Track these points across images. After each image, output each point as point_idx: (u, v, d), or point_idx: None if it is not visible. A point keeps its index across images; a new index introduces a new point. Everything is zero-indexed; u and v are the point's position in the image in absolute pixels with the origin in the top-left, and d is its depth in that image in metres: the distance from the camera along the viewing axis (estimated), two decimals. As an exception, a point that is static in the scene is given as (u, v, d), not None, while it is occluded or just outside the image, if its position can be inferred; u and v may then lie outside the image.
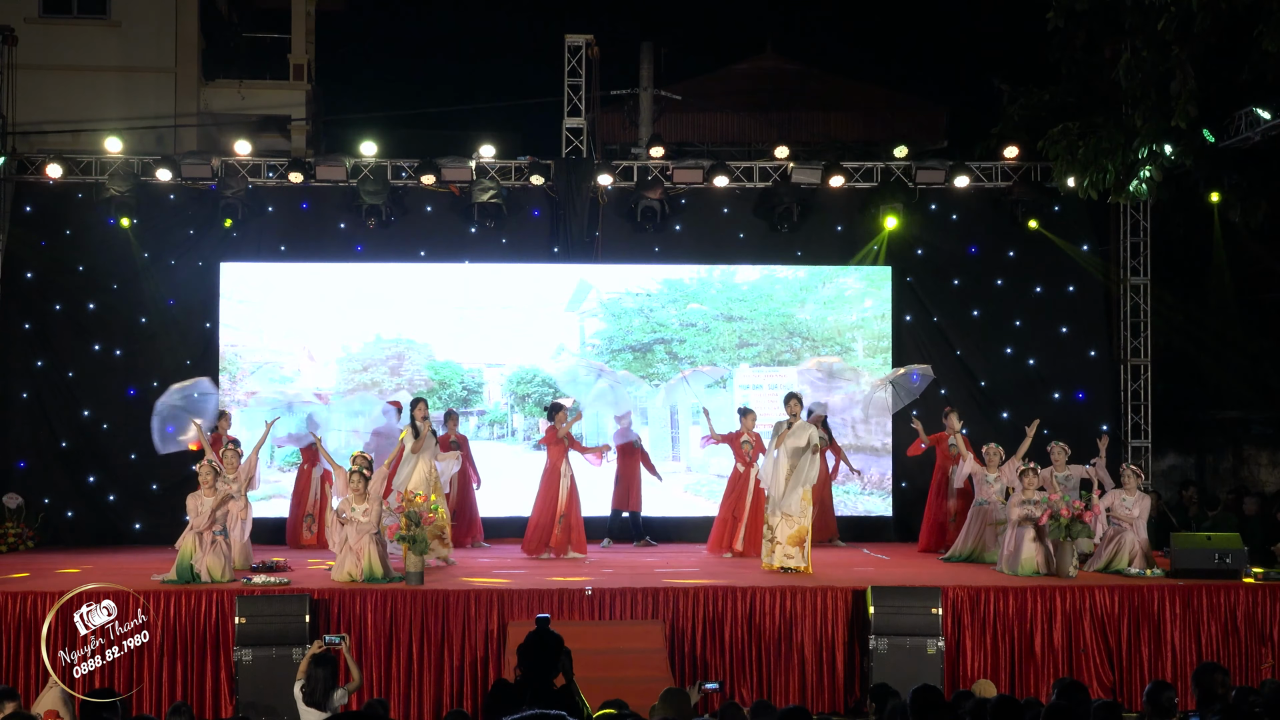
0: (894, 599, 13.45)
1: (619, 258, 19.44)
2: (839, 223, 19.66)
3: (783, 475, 15.18)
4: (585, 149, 19.26)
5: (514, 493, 18.01)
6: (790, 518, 15.11)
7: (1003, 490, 16.11)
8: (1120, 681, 13.83)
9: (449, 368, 19.32)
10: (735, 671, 13.65)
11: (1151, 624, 13.93)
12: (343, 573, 14.14)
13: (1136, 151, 16.76)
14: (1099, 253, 19.66)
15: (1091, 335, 19.63)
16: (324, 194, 19.23)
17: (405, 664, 13.43)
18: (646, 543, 17.84)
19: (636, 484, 17.94)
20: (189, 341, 18.89)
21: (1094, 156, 17.30)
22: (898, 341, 19.44)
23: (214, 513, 14.12)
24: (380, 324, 19.29)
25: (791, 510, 15.11)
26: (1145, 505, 15.40)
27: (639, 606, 13.71)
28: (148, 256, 18.94)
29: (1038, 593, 13.93)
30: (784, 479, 15.16)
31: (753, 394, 18.89)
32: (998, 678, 13.44)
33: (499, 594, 13.60)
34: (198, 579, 13.89)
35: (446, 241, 19.40)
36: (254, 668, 12.84)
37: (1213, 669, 9.78)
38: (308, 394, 18.60)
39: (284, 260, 19.30)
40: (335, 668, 11.09)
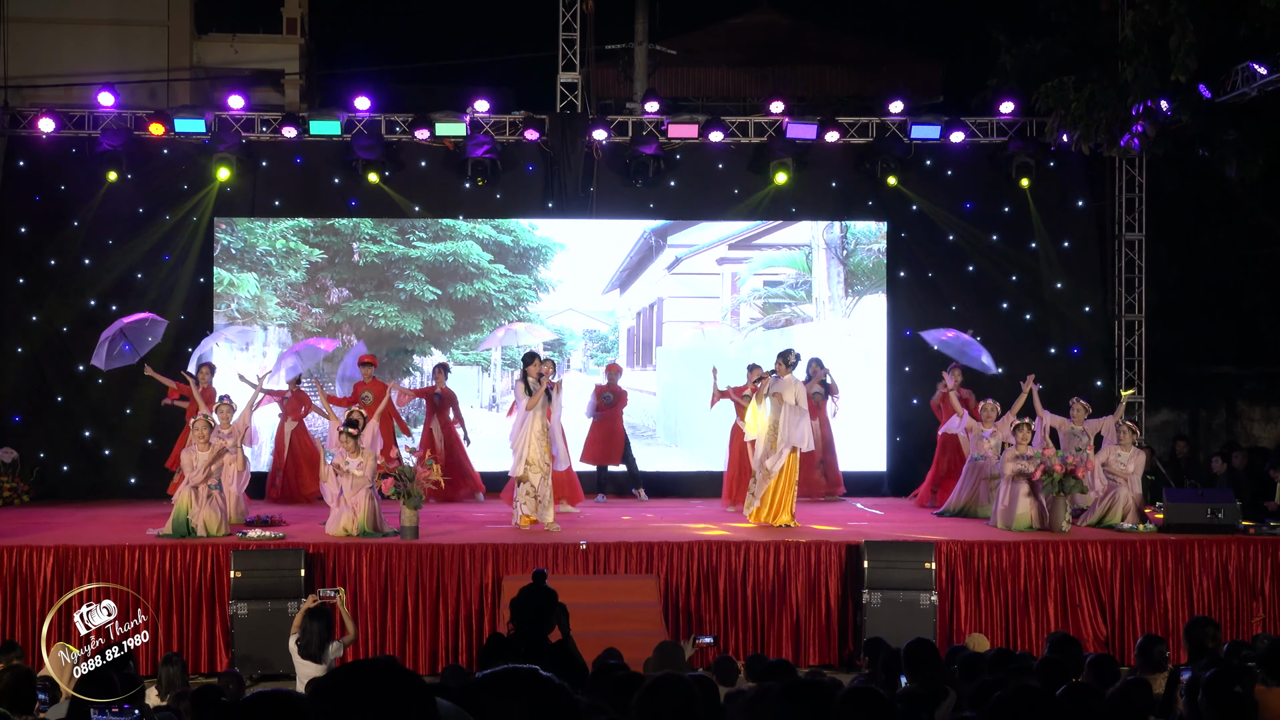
0: (888, 553, 13.47)
1: (613, 213, 19.38)
2: (834, 178, 19.59)
3: (765, 430, 15.13)
4: (580, 104, 19.15)
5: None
6: (769, 474, 15.07)
7: (998, 445, 16.09)
8: (1113, 635, 13.86)
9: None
10: (729, 625, 13.67)
11: (1144, 578, 13.95)
12: (338, 526, 14.13)
13: (1130, 107, 16.68)
14: (1094, 209, 19.60)
15: (1087, 290, 19.59)
16: (317, 149, 19.12)
17: (400, 618, 13.43)
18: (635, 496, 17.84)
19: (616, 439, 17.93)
20: (183, 297, 18.81)
21: (1088, 110, 17.22)
22: (892, 297, 19.40)
23: (209, 467, 14.09)
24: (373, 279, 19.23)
25: (769, 466, 15.07)
26: (1140, 460, 15.38)
27: (634, 561, 13.72)
28: (142, 212, 18.86)
29: (1031, 547, 13.95)
30: (765, 435, 15.11)
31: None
32: (991, 632, 13.46)
33: (494, 548, 13.60)
34: (193, 533, 13.87)
35: (441, 197, 19.33)
36: (249, 621, 12.88)
37: (1204, 623, 9.79)
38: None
39: (277, 215, 19.22)
40: (330, 621, 11.10)
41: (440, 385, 17.76)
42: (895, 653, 8.85)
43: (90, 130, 18.64)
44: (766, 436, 15.09)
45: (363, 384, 17.37)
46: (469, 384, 18.90)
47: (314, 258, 19.23)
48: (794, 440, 15.01)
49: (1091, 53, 17.91)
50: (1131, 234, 19.48)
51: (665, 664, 9.18)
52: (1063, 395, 16.90)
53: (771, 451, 15.03)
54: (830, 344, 18.79)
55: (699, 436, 19.02)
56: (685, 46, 24.51)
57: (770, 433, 15.06)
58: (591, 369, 19.02)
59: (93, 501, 17.73)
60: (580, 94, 19.17)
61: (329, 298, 19.23)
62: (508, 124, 19.03)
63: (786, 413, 14.98)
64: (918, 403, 18.56)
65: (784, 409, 14.97)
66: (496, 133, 18.92)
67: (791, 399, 14.99)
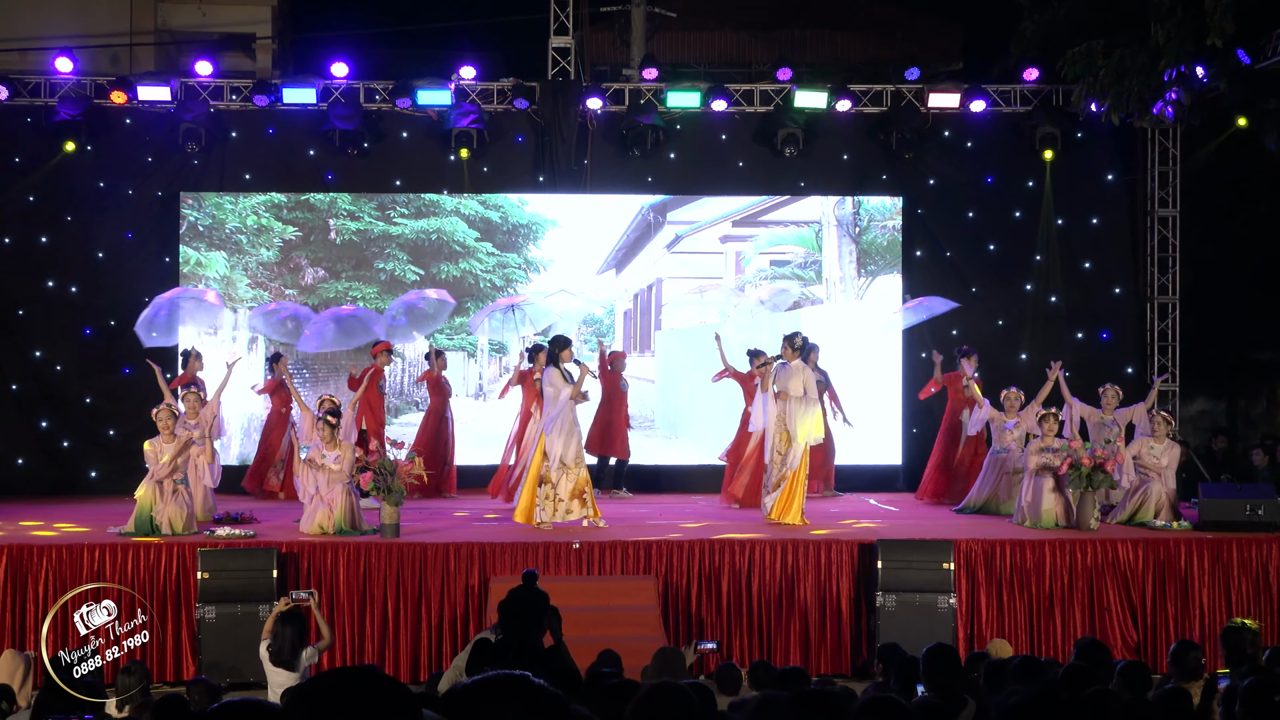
0: (903, 553, 13.46)
1: (609, 187, 19.36)
2: (846, 150, 19.57)
3: (772, 421, 15.10)
4: (573, 70, 19.10)
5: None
6: (783, 470, 15.04)
7: (1021, 437, 16.07)
8: (1145, 641, 13.86)
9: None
10: (733, 630, 13.66)
11: (1178, 580, 13.93)
12: (313, 524, 14.11)
13: (1163, 73, 16.63)
14: (1125, 183, 19.58)
15: (1117, 271, 19.59)
16: (291, 118, 19.08)
17: (380, 622, 13.42)
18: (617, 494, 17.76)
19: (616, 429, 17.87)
20: (148, 276, 18.74)
21: (1117, 78, 17.17)
22: (908, 278, 19.38)
23: (174, 460, 14.06)
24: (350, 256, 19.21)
25: (785, 462, 15.03)
26: (1174, 454, 15.34)
27: (630, 561, 13.70)
28: (103, 186, 18.83)
29: (1057, 546, 13.93)
30: (773, 428, 15.08)
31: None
32: (1014, 638, 13.44)
33: (480, 548, 13.59)
34: (157, 531, 13.85)
35: (424, 170, 19.31)
36: (217, 626, 12.86)
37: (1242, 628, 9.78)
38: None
39: (248, 190, 19.18)
40: (304, 626, 11.09)
41: (437, 371, 17.85)
42: (911, 660, 8.83)
43: (46, 98, 18.57)
44: (775, 430, 15.06)
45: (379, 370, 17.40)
46: (454, 371, 18.81)
47: (287, 235, 19.20)
48: (805, 433, 14.98)
49: (1121, 15, 17.86)
50: (1165, 210, 19.46)
51: (664, 671, 9.17)
52: (1091, 383, 16.88)
53: (785, 446, 14.99)
54: (841, 328, 18.77)
55: (702, 426, 18.99)
56: (686, 9, 24.40)
57: (778, 426, 15.03)
58: (585, 355, 18.96)
59: (50, 497, 17.69)
60: (573, 60, 19.13)
61: (303, 278, 19.20)
62: (495, 92, 18.99)
63: (794, 404, 14.95)
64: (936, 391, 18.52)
65: (792, 400, 14.94)
66: (484, 101, 18.89)
67: (800, 388, 14.95)
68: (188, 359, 17.23)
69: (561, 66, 19.08)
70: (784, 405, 15.00)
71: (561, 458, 14.50)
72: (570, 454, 14.54)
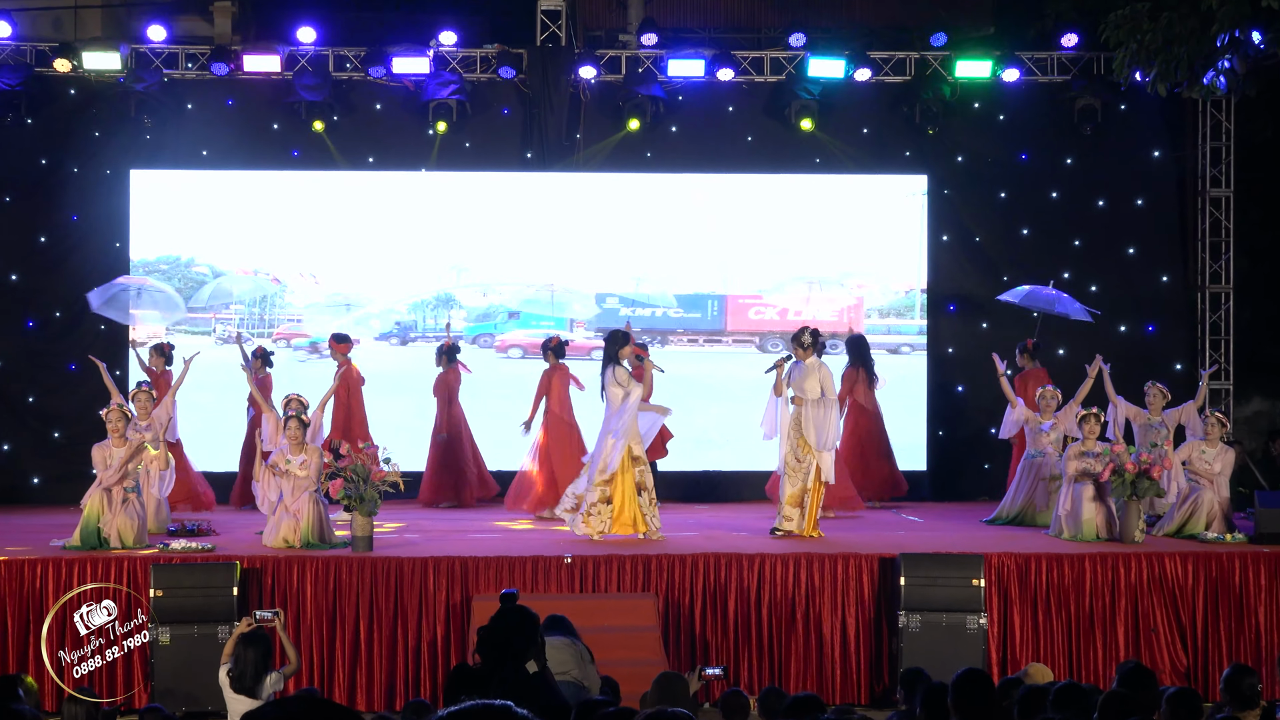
0: (928, 568, 13.43)
1: (604, 165, 19.35)
2: (865, 124, 19.54)
3: (785, 425, 15.05)
4: (564, 35, 19.08)
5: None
6: (792, 475, 15.00)
7: (1059, 440, 16.04)
8: (1195, 665, 13.84)
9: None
10: (740, 653, 13.65)
11: (1232, 598, 13.91)
12: (277, 537, 14.08)
13: (1215, 38, 16.59)
14: (1173, 160, 19.56)
15: (1164, 257, 19.59)
16: (253, 89, 19.06)
17: (351, 645, 13.41)
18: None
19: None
20: (96, 263, 18.70)
21: (1164, 44, 17.12)
22: (934, 265, 19.36)
23: (125, 466, 14.02)
24: (320, 242, 19.21)
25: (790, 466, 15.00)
26: (1228, 459, 15.31)
27: (627, 577, 13.68)
28: (46, 163, 18.80)
29: (1098, 561, 13.91)
30: (788, 434, 15.04)
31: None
32: (1051, 661, 13.41)
33: (462, 562, 13.57)
34: (106, 544, 13.82)
35: (399, 146, 19.29)
36: (172, 649, 12.81)
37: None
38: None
39: (206, 167, 19.16)
40: (268, 649, 11.08)
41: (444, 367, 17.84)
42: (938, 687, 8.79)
43: (-17, 67, 18.59)
44: (790, 437, 15.00)
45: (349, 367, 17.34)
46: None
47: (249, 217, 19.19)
48: (827, 441, 14.93)
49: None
50: (1217, 190, 19.44)
51: (664, 699, 9.13)
52: (1135, 381, 16.82)
53: (804, 453, 14.93)
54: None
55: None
56: (689, -33, 24.43)
57: (794, 431, 14.98)
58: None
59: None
60: (564, 24, 19.10)
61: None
62: (478, 59, 18.97)
63: (812, 407, 14.89)
64: (963, 390, 18.49)
65: (808, 403, 14.88)
66: (465, 70, 18.87)
67: (817, 389, 14.90)
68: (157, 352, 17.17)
69: (551, 31, 19.04)
70: (801, 409, 14.94)
71: (622, 463, 14.61)
72: (628, 457, 14.70)
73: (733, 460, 18.90)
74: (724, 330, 19.59)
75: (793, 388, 14.99)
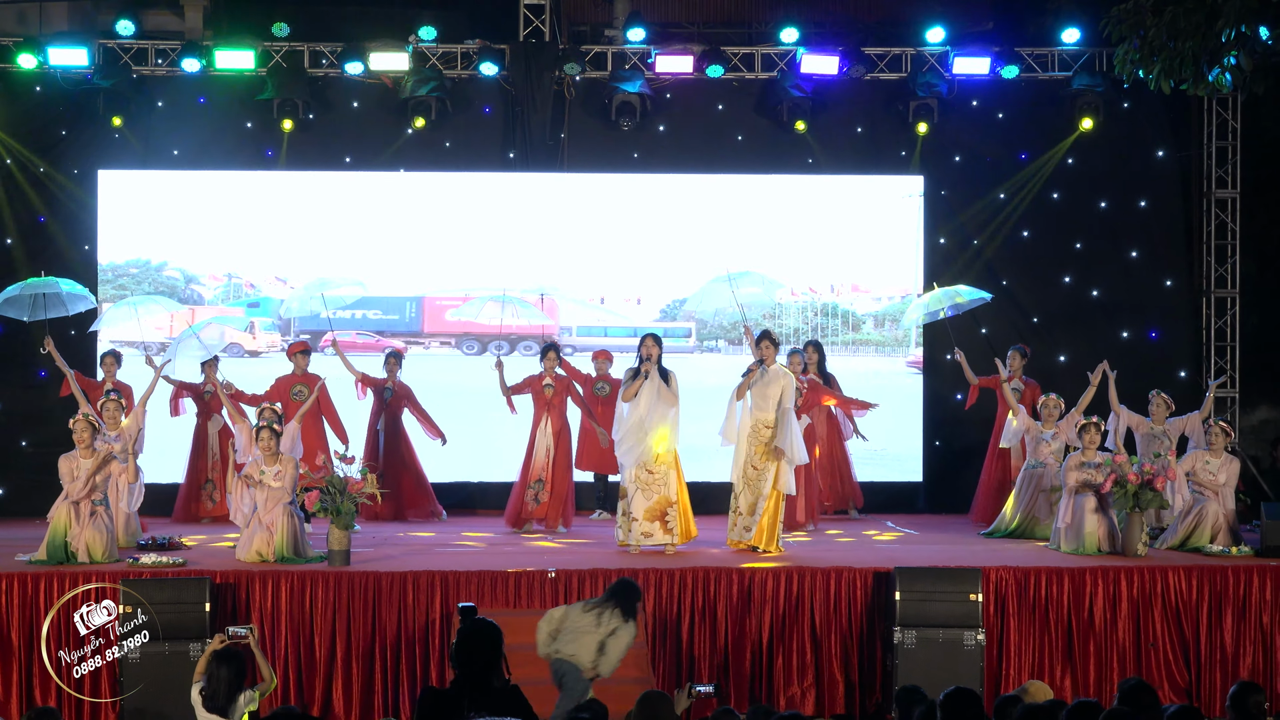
0: (924, 582, 13.47)
1: (589, 165, 19.39)
2: (859, 123, 19.59)
3: (745, 434, 15.08)
4: (548, 30, 19.10)
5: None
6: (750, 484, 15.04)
7: (1060, 450, 16.07)
8: (1197, 682, 13.89)
9: (381, 301, 19.31)
10: (730, 670, 13.67)
11: (1237, 613, 13.96)
12: (250, 551, 14.09)
13: (1221, 34, 16.66)
14: (1178, 160, 19.62)
15: (1168, 260, 19.64)
16: (226, 86, 19.08)
17: (327, 662, 13.41)
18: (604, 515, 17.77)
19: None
20: (64, 266, 18.63)
21: (1168, 39, 17.19)
22: (930, 268, 19.39)
23: (92, 478, 14.02)
24: (295, 245, 19.24)
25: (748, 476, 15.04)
26: (1233, 469, 15.36)
27: (613, 592, 13.70)
28: (10, 163, 18.80)
29: (1099, 575, 13.96)
30: (745, 438, 15.06)
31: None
32: (1050, 678, 13.48)
33: (442, 576, 13.57)
34: (73, 559, 13.80)
35: (377, 145, 19.31)
36: (142, 666, 12.75)
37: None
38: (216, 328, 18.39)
39: (177, 167, 19.17)
40: (242, 666, 11.11)
41: (392, 378, 17.76)
42: (933, 705, 8.86)
43: (-58, 63, 18.62)
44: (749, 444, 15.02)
45: (293, 378, 17.30)
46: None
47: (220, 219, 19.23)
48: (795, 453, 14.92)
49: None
50: (1223, 191, 19.51)
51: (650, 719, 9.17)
52: (1138, 388, 16.89)
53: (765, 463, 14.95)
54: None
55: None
56: (678, -40, 24.48)
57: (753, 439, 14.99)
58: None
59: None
60: (548, 19, 19.12)
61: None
62: (459, 55, 19.02)
63: (784, 416, 14.90)
64: (961, 398, 18.54)
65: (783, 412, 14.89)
66: (446, 66, 18.91)
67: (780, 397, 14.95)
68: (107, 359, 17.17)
69: (535, 26, 19.06)
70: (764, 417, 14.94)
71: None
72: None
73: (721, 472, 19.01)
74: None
75: (754, 395, 15.00)
